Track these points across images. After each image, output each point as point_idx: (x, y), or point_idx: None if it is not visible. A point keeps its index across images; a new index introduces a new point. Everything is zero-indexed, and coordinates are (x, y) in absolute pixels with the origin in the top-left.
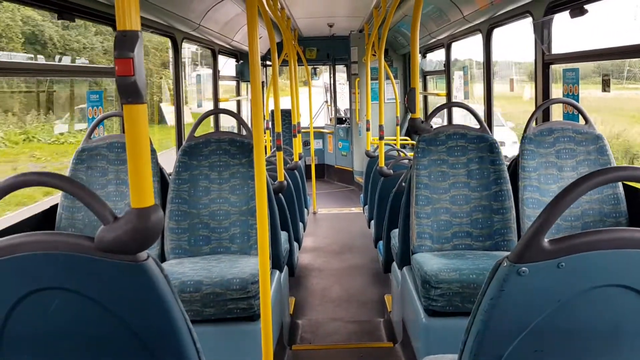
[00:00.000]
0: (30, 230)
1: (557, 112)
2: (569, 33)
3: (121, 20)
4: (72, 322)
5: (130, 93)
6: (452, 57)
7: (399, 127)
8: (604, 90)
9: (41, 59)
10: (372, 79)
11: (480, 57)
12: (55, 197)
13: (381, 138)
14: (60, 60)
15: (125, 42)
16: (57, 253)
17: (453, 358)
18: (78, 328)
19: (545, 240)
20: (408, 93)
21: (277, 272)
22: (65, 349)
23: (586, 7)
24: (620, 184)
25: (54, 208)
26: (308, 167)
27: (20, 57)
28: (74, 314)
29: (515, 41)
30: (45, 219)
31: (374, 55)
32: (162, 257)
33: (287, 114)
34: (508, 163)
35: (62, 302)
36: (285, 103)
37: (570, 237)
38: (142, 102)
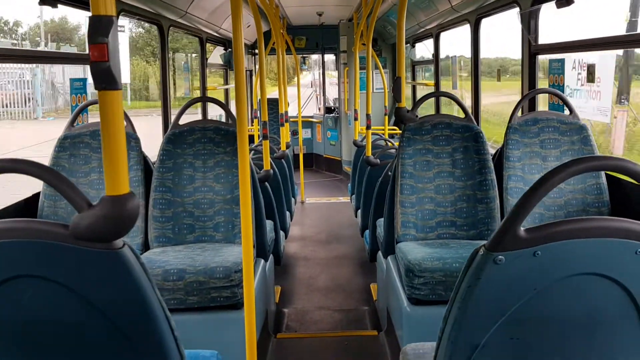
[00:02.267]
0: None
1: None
2: (553, 24)
3: (96, 4)
4: (48, 310)
5: (104, 79)
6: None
7: (387, 117)
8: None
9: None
10: (361, 69)
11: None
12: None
13: (368, 127)
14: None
15: (99, 27)
16: (32, 241)
17: (434, 346)
18: (53, 316)
19: (522, 229)
20: (394, 82)
21: (262, 260)
22: (40, 338)
23: None
24: (603, 174)
25: (36, 196)
26: (297, 157)
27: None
28: (49, 302)
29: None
30: (27, 208)
31: (363, 44)
32: (146, 246)
33: (274, 103)
34: (493, 153)
35: (37, 290)
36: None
37: (546, 225)
38: (117, 88)
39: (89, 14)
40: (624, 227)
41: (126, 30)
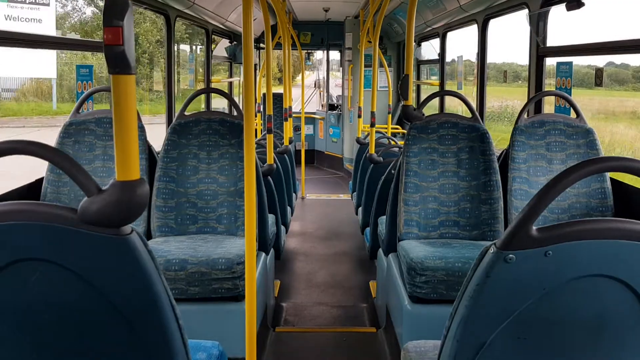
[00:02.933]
0: None
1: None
2: (560, 26)
3: None
4: (53, 294)
5: (118, 63)
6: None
7: (390, 115)
8: None
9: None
10: (365, 66)
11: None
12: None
13: (372, 125)
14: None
15: (115, 10)
16: (39, 224)
17: (435, 344)
18: (58, 300)
19: (534, 228)
20: (401, 79)
21: (263, 254)
22: (45, 321)
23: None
24: (607, 178)
25: (39, 182)
26: (298, 152)
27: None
28: (54, 286)
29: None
30: (30, 192)
31: (368, 42)
32: (149, 235)
33: (278, 98)
34: (498, 154)
35: (42, 274)
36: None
37: (559, 225)
38: (130, 73)
39: None
40: (636, 229)
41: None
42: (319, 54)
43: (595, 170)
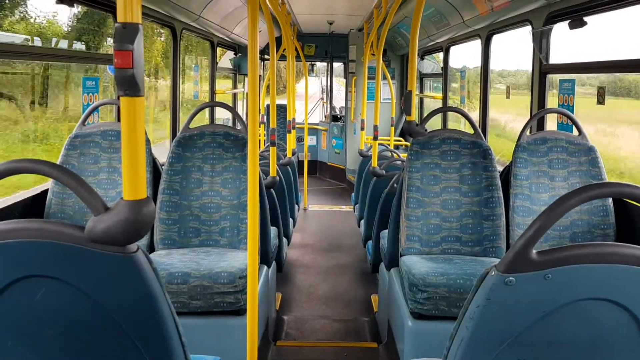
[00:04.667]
0: (19, 215)
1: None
2: (564, 44)
3: (122, 11)
4: (58, 311)
5: (128, 85)
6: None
7: (393, 128)
8: None
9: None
10: (369, 79)
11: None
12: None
13: (375, 138)
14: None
15: (125, 34)
16: (47, 241)
17: None
18: (64, 317)
19: (534, 251)
20: (405, 95)
21: (265, 267)
22: (49, 337)
23: (585, 19)
24: None
25: (43, 193)
26: (300, 163)
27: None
28: (60, 303)
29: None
30: (35, 204)
31: (372, 54)
32: (151, 247)
33: (282, 109)
34: (500, 170)
35: (48, 291)
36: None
37: (558, 249)
38: (139, 95)
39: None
40: (635, 254)
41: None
42: (322, 65)
43: (595, 195)
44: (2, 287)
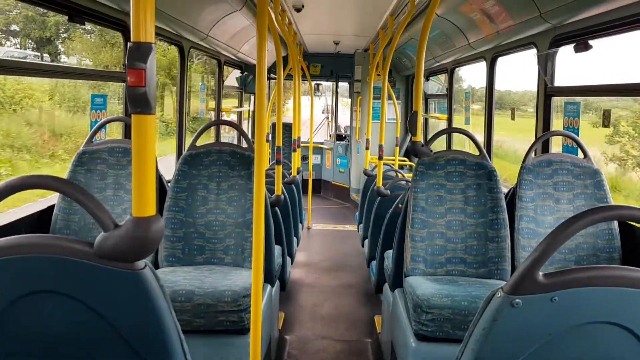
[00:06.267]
0: (25, 230)
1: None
2: (570, 66)
3: (136, 31)
4: (66, 326)
5: (140, 103)
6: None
7: (398, 148)
8: None
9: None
10: (374, 99)
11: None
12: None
13: (380, 158)
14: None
15: (138, 53)
16: (56, 257)
17: None
18: (71, 332)
19: (540, 273)
20: (410, 116)
21: (269, 286)
22: (57, 353)
23: (590, 42)
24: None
25: (50, 209)
26: (305, 182)
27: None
28: (67, 318)
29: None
30: (41, 220)
31: (377, 75)
32: (156, 264)
33: (287, 128)
34: (506, 192)
35: (56, 306)
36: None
37: (565, 272)
38: (150, 113)
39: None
40: None
41: None
42: (326, 85)
43: (602, 218)
44: (10, 301)
